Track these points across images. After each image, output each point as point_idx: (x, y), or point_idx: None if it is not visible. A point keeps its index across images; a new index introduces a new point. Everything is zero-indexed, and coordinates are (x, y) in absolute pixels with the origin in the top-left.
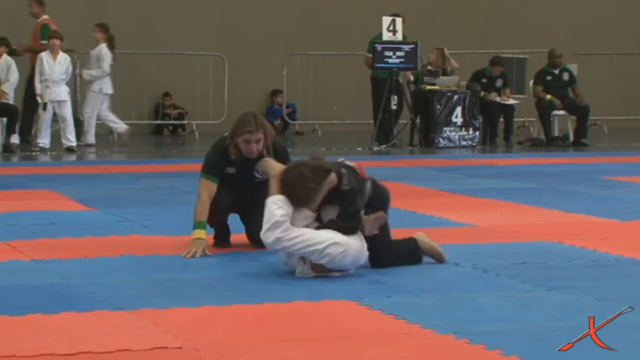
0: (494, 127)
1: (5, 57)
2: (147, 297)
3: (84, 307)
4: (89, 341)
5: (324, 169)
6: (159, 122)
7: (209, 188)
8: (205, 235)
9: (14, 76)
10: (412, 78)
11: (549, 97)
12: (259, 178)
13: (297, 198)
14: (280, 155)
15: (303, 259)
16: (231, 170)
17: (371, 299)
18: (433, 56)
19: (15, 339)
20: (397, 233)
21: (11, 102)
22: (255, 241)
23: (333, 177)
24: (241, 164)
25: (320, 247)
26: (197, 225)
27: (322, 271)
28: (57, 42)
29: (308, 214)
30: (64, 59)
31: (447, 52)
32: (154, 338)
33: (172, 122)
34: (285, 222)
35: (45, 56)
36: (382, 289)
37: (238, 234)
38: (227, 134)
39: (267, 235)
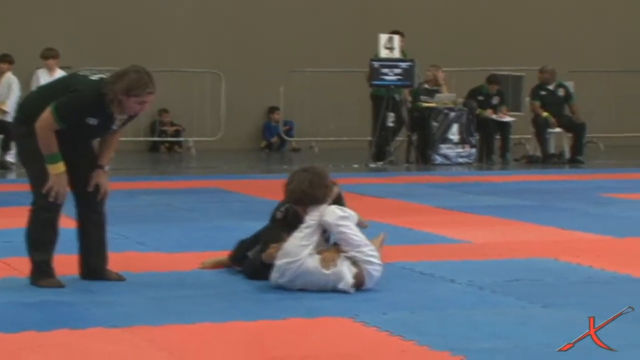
0: (490, 144)
1: (8, 74)
2: (142, 314)
3: (79, 324)
4: (83, 359)
5: (328, 174)
6: (156, 138)
7: (53, 129)
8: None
9: (14, 94)
10: (409, 97)
11: (545, 114)
12: (115, 129)
13: (312, 198)
14: None
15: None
16: (92, 121)
17: (366, 316)
18: (431, 73)
19: (10, 356)
20: (393, 250)
21: (10, 119)
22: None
23: (338, 188)
24: (108, 118)
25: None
26: (56, 158)
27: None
28: (51, 60)
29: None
30: (60, 75)
31: (438, 70)
32: (149, 355)
33: (169, 138)
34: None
35: (41, 73)
36: (377, 305)
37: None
38: (97, 77)
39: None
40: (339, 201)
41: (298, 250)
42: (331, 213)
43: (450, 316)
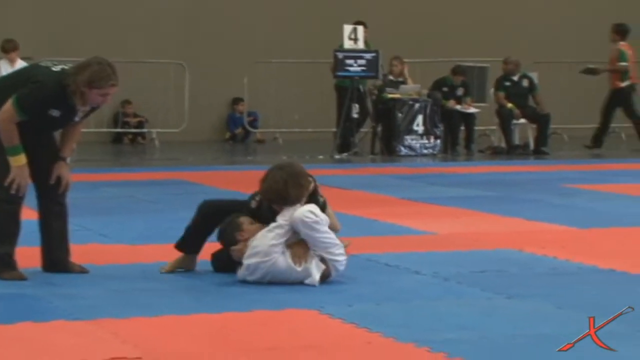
0: (455, 135)
1: (19, 61)
2: (106, 307)
3: (42, 317)
4: (46, 352)
5: (304, 171)
6: (119, 130)
7: (14, 121)
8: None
9: None
10: (374, 89)
11: (509, 105)
12: (77, 121)
13: (285, 198)
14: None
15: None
16: (55, 113)
17: (332, 308)
18: (398, 66)
19: None
20: (359, 242)
21: None
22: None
23: (313, 182)
24: (70, 109)
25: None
26: (18, 150)
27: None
28: (12, 53)
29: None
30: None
31: (402, 63)
32: (113, 348)
33: (132, 130)
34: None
35: (2, 64)
36: (343, 297)
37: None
38: (59, 68)
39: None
40: (314, 195)
41: (269, 250)
42: (302, 218)
43: (415, 308)
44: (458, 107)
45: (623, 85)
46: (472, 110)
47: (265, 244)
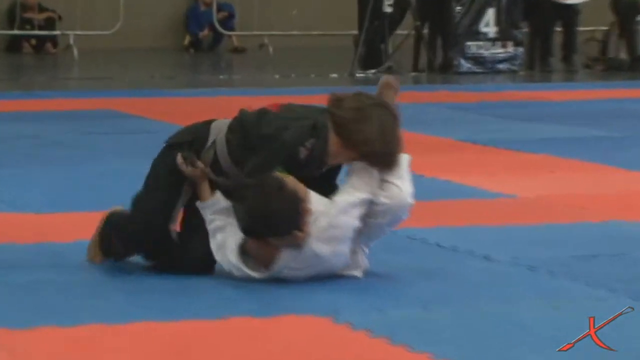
0: (546, 40)
1: None
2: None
3: None
4: None
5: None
6: (16, 32)
7: None
8: None
9: None
10: None
11: None
12: None
13: (388, 154)
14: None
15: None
16: None
17: (351, 314)
18: None
19: None
20: None
21: None
22: None
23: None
24: None
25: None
26: None
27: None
28: None
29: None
30: None
31: None
32: None
33: (36, 32)
34: None
35: None
36: (367, 298)
37: None
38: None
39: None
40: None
41: (350, 234)
42: (409, 201)
43: (484, 313)
44: None
45: None
46: (573, 0)
47: (348, 226)
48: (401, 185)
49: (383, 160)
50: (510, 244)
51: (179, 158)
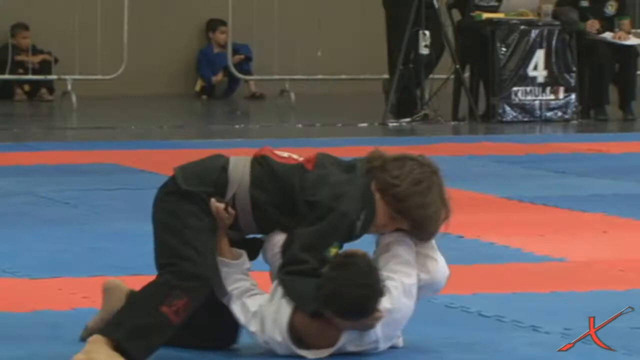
0: (602, 85)
1: None
2: None
3: None
4: None
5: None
6: (7, 76)
7: None
8: None
9: None
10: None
11: None
12: None
13: (428, 224)
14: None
15: None
16: None
17: None
18: None
19: None
20: None
21: None
22: None
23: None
24: None
25: None
26: None
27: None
28: None
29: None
30: None
31: None
32: None
33: (30, 76)
34: None
35: None
36: None
37: None
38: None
39: None
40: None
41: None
42: (447, 273)
43: None
44: (608, 35)
45: None
46: (632, 41)
47: (409, 309)
48: (437, 257)
49: (432, 235)
50: (561, 313)
51: (215, 202)
